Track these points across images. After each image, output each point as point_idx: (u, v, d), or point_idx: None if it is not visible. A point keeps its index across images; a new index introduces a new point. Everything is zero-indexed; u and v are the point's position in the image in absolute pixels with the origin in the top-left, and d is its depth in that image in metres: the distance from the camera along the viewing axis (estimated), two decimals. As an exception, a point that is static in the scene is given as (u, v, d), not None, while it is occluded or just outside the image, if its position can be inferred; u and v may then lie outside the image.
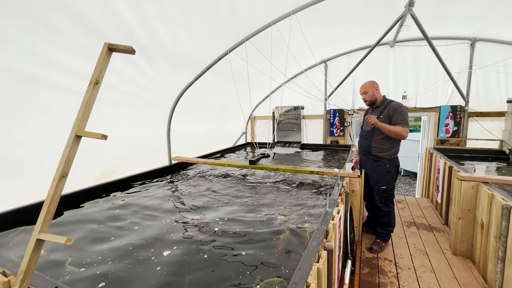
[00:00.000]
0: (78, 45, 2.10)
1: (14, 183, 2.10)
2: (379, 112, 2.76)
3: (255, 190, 2.69)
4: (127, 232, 1.79)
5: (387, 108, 2.69)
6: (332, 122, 5.78)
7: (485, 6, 3.41)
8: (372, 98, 2.82)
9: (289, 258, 1.44)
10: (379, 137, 2.75)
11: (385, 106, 2.73)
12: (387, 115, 2.67)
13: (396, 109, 2.63)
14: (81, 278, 1.29)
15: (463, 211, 2.57)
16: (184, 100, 3.71)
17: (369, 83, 2.84)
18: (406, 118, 2.62)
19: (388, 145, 2.72)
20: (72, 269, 1.29)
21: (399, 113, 2.62)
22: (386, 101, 2.79)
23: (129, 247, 1.59)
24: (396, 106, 2.65)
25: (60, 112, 2.27)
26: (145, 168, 3.16)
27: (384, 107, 2.74)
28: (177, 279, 1.29)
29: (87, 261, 1.43)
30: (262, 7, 2.81)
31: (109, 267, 1.38)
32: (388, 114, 2.66)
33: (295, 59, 3.94)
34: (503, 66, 4.38)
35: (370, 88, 2.81)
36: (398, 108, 2.63)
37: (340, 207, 1.78)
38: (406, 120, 2.61)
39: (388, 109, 2.68)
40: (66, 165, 0.95)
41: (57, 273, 1.32)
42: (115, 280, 1.28)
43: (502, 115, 4.54)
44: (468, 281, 2.31)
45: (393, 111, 2.64)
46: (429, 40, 3.44)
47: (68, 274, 1.32)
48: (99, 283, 1.25)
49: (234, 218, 1.99)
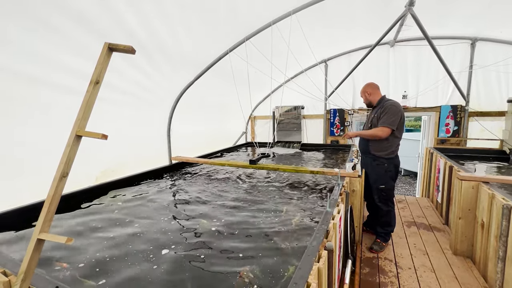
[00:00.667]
0: (78, 45, 2.10)
1: (15, 183, 2.11)
2: (375, 112, 2.85)
3: (255, 190, 2.69)
4: (127, 231, 1.79)
5: (381, 108, 2.75)
6: (332, 121, 5.78)
7: (486, 5, 3.40)
8: (366, 101, 3.00)
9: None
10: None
11: (380, 106, 2.79)
12: (379, 114, 2.75)
13: (385, 109, 2.69)
14: (79, 277, 1.29)
15: (464, 211, 2.56)
16: (185, 100, 3.71)
17: (362, 88, 3.01)
18: (391, 119, 2.64)
19: (385, 143, 2.75)
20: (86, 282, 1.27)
21: (385, 113, 2.67)
22: (383, 100, 2.83)
23: (128, 246, 1.59)
24: (387, 106, 2.69)
25: (60, 112, 2.27)
26: (145, 168, 3.16)
27: (379, 107, 2.80)
28: (176, 278, 1.29)
29: (87, 259, 1.43)
30: (262, 7, 2.81)
31: (109, 266, 1.38)
32: (379, 113, 2.74)
33: (295, 59, 3.94)
34: (503, 66, 4.38)
35: (362, 93, 3.01)
36: (388, 107, 2.68)
37: (341, 207, 1.78)
38: (391, 120, 2.64)
39: (381, 108, 2.75)
40: (67, 165, 0.95)
41: (58, 273, 1.32)
42: (114, 279, 1.28)
43: (503, 114, 4.54)
44: (468, 280, 2.31)
45: (382, 111, 2.70)
46: (430, 40, 3.43)
47: (68, 271, 1.32)
48: (99, 281, 1.25)
49: (233, 218, 1.99)
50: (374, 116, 2.81)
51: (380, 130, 2.66)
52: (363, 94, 2.98)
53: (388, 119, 2.64)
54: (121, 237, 1.71)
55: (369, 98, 2.94)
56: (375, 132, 2.69)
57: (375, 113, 2.82)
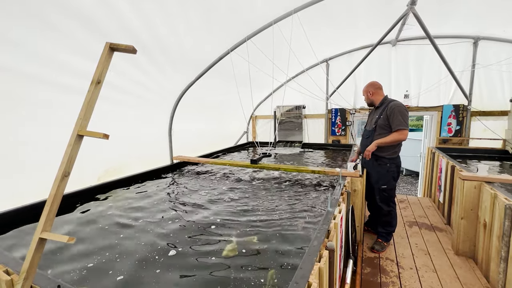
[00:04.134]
0: (79, 45, 2.11)
1: (16, 183, 2.12)
2: (379, 113, 2.78)
3: (255, 190, 2.69)
4: (128, 230, 1.80)
5: (386, 109, 2.70)
6: (334, 121, 5.77)
7: (488, 4, 3.38)
8: (368, 101, 2.94)
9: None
10: (379, 137, 2.74)
11: (384, 107, 2.74)
12: (385, 116, 2.69)
13: (393, 111, 2.62)
14: (84, 276, 1.30)
15: (466, 211, 2.55)
16: (186, 100, 3.71)
17: (365, 87, 2.95)
18: (403, 119, 2.60)
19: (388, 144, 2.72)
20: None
21: (395, 115, 2.61)
22: (386, 101, 2.79)
23: (130, 247, 1.59)
24: (393, 107, 2.64)
25: (62, 112, 2.28)
26: (147, 167, 3.17)
27: (383, 108, 2.75)
28: (178, 279, 1.29)
29: (88, 259, 1.44)
30: (264, 6, 2.81)
31: (110, 266, 1.38)
32: (386, 115, 2.69)
33: (296, 58, 3.93)
34: (506, 65, 4.35)
35: (365, 92, 2.96)
36: (395, 109, 2.62)
37: (342, 207, 1.78)
38: (404, 121, 2.59)
39: (386, 110, 2.70)
40: (68, 164, 0.96)
41: (58, 272, 1.33)
42: (116, 279, 1.29)
43: (505, 114, 4.51)
44: (470, 281, 2.30)
45: (391, 113, 2.64)
46: (432, 39, 3.42)
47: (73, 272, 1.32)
48: (102, 280, 1.26)
49: (233, 217, 1.99)
50: (379, 117, 2.75)
51: (400, 134, 2.59)
52: (365, 93, 2.94)
53: (401, 120, 2.59)
54: (122, 237, 1.71)
55: (371, 98, 2.89)
56: (397, 137, 2.59)
57: (380, 114, 2.76)
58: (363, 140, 2.99)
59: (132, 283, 1.26)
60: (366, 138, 2.92)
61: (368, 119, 3.07)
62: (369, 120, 3.04)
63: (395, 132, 2.61)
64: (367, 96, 2.93)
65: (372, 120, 2.90)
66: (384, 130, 2.72)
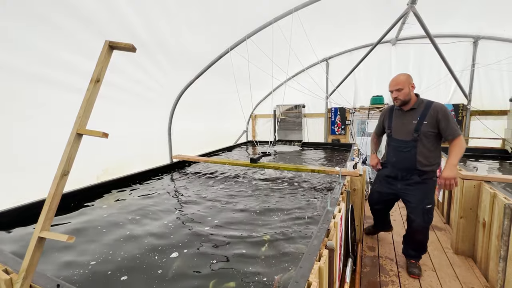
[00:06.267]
0: (78, 43, 2.10)
1: (16, 182, 2.11)
2: (420, 116, 2.19)
3: (255, 189, 2.69)
4: (128, 230, 1.79)
5: (430, 111, 2.16)
6: (334, 120, 5.77)
7: (488, 3, 3.38)
8: (407, 97, 2.21)
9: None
10: (425, 148, 2.20)
11: (426, 108, 2.18)
12: (433, 120, 2.14)
13: (445, 113, 2.12)
14: (84, 277, 1.29)
15: (465, 210, 2.56)
16: (185, 99, 3.71)
17: (404, 78, 2.21)
18: (456, 123, 2.15)
19: (434, 154, 2.24)
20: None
21: (449, 119, 2.12)
22: (424, 101, 2.23)
23: (130, 247, 1.59)
24: (443, 109, 2.14)
25: (61, 110, 2.27)
26: (146, 166, 3.17)
27: (425, 110, 2.19)
28: (179, 280, 1.29)
29: (89, 259, 1.43)
30: (264, 5, 2.80)
31: (110, 266, 1.38)
32: (434, 119, 2.14)
33: (296, 57, 3.93)
34: (506, 64, 4.35)
35: (406, 85, 2.19)
36: (446, 111, 2.14)
37: (342, 206, 1.78)
38: (457, 125, 2.15)
39: (431, 112, 2.15)
40: (68, 163, 0.95)
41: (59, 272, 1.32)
42: (117, 279, 1.28)
43: (505, 113, 4.52)
44: (469, 280, 2.31)
45: (443, 116, 2.11)
46: (432, 38, 3.41)
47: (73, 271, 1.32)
48: (101, 281, 1.26)
49: (233, 218, 1.99)
50: (422, 123, 2.17)
51: (462, 141, 2.12)
52: (407, 85, 2.19)
53: (454, 125, 2.12)
54: (122, 237, 1.71)
55: (411, 94, 2.24)
56: (462, 147, 2.11)
57: (421, 119, 2.19)
58: (399, 153, 2.33)
59: (132, 283, 1.26)
60: (405, 151, 2.28)
61: (393, 124, 2.39)
62: (397, 125, 2.36)
63: (457, 140, 2.10)
64: (408, 90, 2.20)
65: (408, 126, 2.25)
66: (428, 139, 2.19)
